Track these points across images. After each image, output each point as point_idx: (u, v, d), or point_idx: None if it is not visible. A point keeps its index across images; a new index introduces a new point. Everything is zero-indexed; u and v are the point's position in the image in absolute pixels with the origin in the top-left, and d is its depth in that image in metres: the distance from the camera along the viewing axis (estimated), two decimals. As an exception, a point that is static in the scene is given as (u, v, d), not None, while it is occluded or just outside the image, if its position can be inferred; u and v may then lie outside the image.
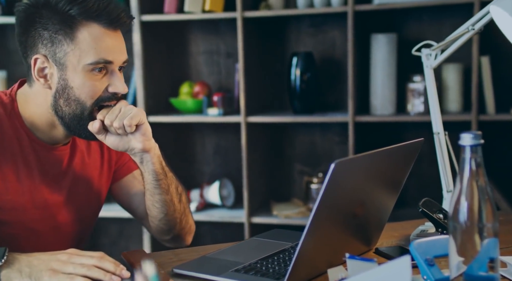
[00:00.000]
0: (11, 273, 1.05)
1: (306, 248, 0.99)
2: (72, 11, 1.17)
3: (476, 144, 0.89)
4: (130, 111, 1.21)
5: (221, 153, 2.89)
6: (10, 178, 1.21)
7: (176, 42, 2.83)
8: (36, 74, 1.20)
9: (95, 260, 1.08)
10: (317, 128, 2.81)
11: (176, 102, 2.70)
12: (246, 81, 2.57)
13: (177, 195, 1.34)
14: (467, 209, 0.88)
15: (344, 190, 1.01)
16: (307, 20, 2.73)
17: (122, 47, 1.23)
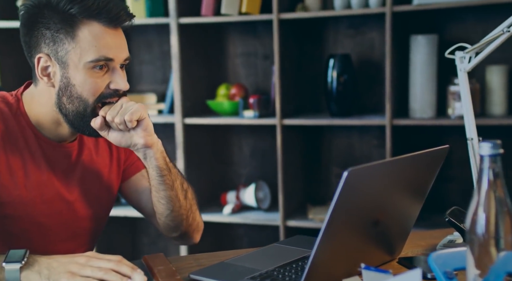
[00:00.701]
0: (31, 275, 1.07)
1: (319, 257, 0.97)
2: (72, 10, 1.19)
3: (495, 154, 0.85)
4: (131, 107, 1.23)
5: (258, 155, 2.88)
6: (17, 173, 1.23)
7: (214, 44, 2.84)
8: (39, 73, 1.23)
9: (113, 263, 1.08)
10: (355, 131, 2.76)
11: (213, 104, 2.71)
12: (282, 83, 2.55)
13: (183, 191, 1.34)
14: (485, 220, 0.85)
15: (360, 198, 0.98)
16: (345, 22, 2.70)
17: (122, 45, 1.25)
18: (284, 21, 2.53)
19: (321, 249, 0.96)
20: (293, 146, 2.68)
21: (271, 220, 2.63)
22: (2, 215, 1.24)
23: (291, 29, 2.62)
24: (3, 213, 1.24)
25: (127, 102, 1.24)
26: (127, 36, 3.09)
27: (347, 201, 0.95)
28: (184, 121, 2.65)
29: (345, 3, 2.51)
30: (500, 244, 0.84)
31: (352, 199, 0.96)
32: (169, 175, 1.30)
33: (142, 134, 1.24)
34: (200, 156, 2.78)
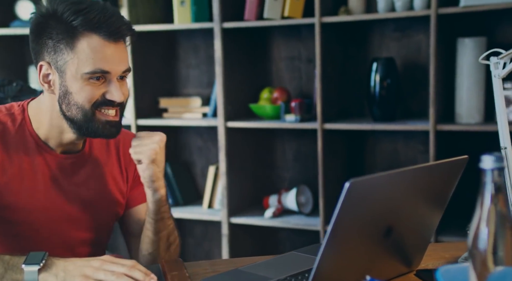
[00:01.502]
0: (48, 277, 1.11)
1: (323, 269, 0.96)
2: (75, 22, 1.23)
3: (498, 167, 0.82)
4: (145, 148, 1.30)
5: (301, 159, 2.87)
6: (15, 180, 1.28)
7: (258, 48, 2.85)
8: (41, 80, 1.28)
9: (126, 268, 1.11)
10: (400, 136, 2.71)
11: (255, 108, 2.72)
12: (324, 87, 2.53)
13: (166, 242, 1.38)
14: (487, 236, 0.82)
15: (365, 208, 0.96)
16: (391, 24, 2.65)
17: (121, 58, 1.28)
18: (327, 25, 2.51)
19: (324, 261, 0.95)
20: (335, 150, 2.65)
21: (311, 225, 2.61)
22: (1, 219, 1.29)
23: (335, 33, 2.60)
24: (2, 216, 1.29)
25: (142, 143, 1.30)
26: (175, 40, 3.14)
27: (351, 212, 0.94)
28: (226, 124, 2.67)
29: (389, 6, 2.46)
30: (501, 260, 0.80)
31: (357, 209, 0.95)
32: (161, 221, 1.35)
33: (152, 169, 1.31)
34: (242, 159, 2.80)
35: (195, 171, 3.06)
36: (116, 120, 1.31)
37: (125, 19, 1.29)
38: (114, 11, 1.27)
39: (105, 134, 1.31)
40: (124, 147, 1.46)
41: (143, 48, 2.82)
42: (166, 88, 3.00)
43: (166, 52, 2.98)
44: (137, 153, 1.29)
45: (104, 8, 1.26)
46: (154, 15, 2.85)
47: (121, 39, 1.28)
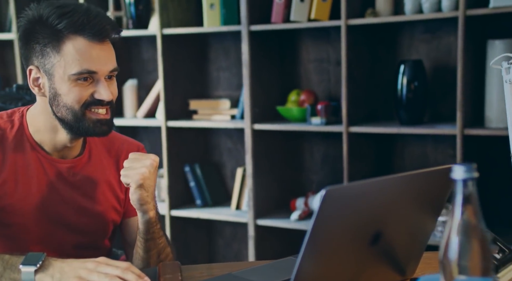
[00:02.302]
0: (44, 278, 1.13)
1: (302, 279, 0.96)
2: (59, 25, 1.26)
3: (469, 178, 0.80)
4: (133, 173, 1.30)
5: (329, 162, 2.86)
6: (9, 183, 1.32)
7: (286, 50, 2.85)
8: (31, 83, 1.33)
9: (119, 270, 1.12)
10: (429, 140, 2.66)
11: (282, 110, 2.73)
12: (350, 90, 2.52)
13: (157, 260, 1.38)
14: (455, 246, 0.80)
15: (345, 216, 0.96)
16: (420, 26, 2.60)
17: (107, 58, 1.30)
18: (354, 27, 2.49)
19: (303, 271, 0.95)
20: (362, 153, 2.63)
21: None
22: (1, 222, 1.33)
23: (363, 35, 2.57)
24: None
25: (131, 166, 1.30)
26: (206, 43, 3.16)
27: (330, 220, 0.93)
28: (253, 127, 2.69)
29: (416, 8, 2.42)
30: (467, 271, 0.79)
31: (336, 217, 0.94)
32: (151, 241, 1.36)
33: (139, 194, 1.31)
34: (270, 161, 2.81)
35: (224, 172, 3.09)
36: (107, 118, 1.33)
37: (109, 19, 1.31)
38: (98, 12, 1.30)
39: (97, 132, 1.34)
40: (126, 156, 1.46)
41: (173, 51, 2.87)
42: (197, 90, 3.04)
43: (197, 55, 3.02)
44: (125, 176, 1.30)
45: (88, 10, 1.28)
46: (185, 19, 2.89)
47: (106, 39, 1.30)
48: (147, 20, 2.94)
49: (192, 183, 2.95)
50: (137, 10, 2.91)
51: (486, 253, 0.79)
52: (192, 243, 3.09)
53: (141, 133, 3.25)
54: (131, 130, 3.23)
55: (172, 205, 2.92)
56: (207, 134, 3.08)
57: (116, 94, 1.36)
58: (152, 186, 1.33)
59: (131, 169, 1.30)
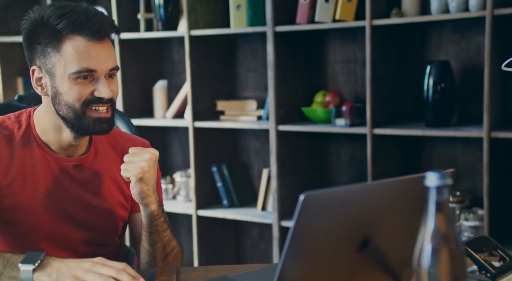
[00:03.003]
0: (42, 277, 1.16)
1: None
2: (59, 25, 1.29)
3: (442, 185, 0.79)
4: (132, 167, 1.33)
5: (355, 163, 2.82)
6: (17, 182, 1.35)
7: (313, 51, 2.84)
8: (34, 83, 1.36)
9: (114, 271, 1.14)
10: (459, 142, 2.60)
11: (307, 112, 2.72)
12: (375, 91, 2.48)
13: (162, 253, 1.39)
14: (427, 253, 0.79)
15: (327, 223, 0.94)
16: (449, 26, 2.54)
17: (106, 56, 1.32)
18: (379, 27, 2.45)
19: (284, 279, 0.94)
20: (388, 156, 2.59)
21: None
22: (4, 220, 1.36)
23: (389, 35, 2.53)
24: (5, 218, 1.36)
25: (131, 160, 1.33)
26: (234, 44, 3.16)
27: (310, 226, 0.92)
28: (277, 128, 2.69)
29: (443, 7, 2.37)
30: (436, 278, 0.77)
31: (317, 223, 0.93)
32: (155, 234, 1.37)
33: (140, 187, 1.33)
34: (295, 162, 2.80)
35: (252, 173, 3.09)
36: (107, 116, 1.35)
37: (108, 18, 1.34)
38: (97, 11, 1.33)
39: (97, 130, 1.36)
40: None
41: (201, 52, 2.90)
42: (225, 91, 3.05)
43: (225, 56, 3.04)
44: (125, 171, 1.32)
45: (87, 9, 1.31)
46: (213, 20, 2.91)
47: (105, 37, 1.32)
48: (176, 22, 2.98)
49: (219, 183, 2.97)
50: (166, 12, 2.94)
51: (458, 261, 0.77)
52: (220, 244, 3.10)
53: (171, 133, 3.30)
54: (161, 131, 3.27)
55: (199, 205, 2.95)
56: (235, 135, 3.10)
57: (117, 92, 1.38)
58: (152, 179, 1.35)
59: (131, 163, 1.32)
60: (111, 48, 1.35)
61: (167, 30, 2.96)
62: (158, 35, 2.97)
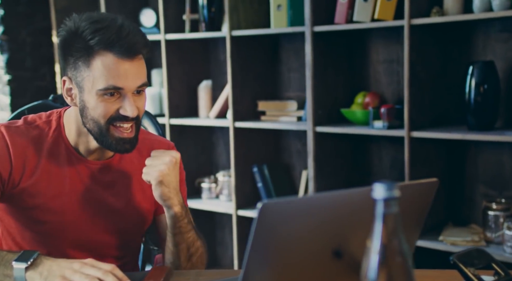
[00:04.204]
0: (34, 275, 1.18)
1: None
2: (92, 41, 1.28)
3: (390, 197, 0.75)
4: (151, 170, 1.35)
5: (397, 166, 2.74)
6: (42, 181, 1.37)
7: (354, 51, 2.78)
8: (65, 93, 1.37)
9: (101, 273, 1.15)
10: (506, 147, 2.47)
11: (346, 113, 2.66)
12: (414, 92, 2.40)
13: (187, 253, 1.39)
14: (374, 266, 0.75)
15: (288, 233, 0.91)
16: (497, 25, 2.42)
17: (136, 74, 1.31)
18: (419, 27, 2.37)
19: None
20: (429, 159, 2.49)
21: (397, 237, 2.48)
22: (32, 218, 1.38)
23: (431, 35, 2.44)
24: (30, 217, 1.38)
25: (152, 164, 1.34)
26: (277, 44, 3.13)
27: (270, 235, 0.90)
28: (315, 129, 2.65)
29: (486, 5, 2.26)
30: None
31: (277, 232, 0.91)
32: (179, 235, 1.37)
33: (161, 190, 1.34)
34: (334, 164, 2.75)
35: (294, 174, 3.07)
36: (130, 137, 1.36)
37: (141, 36, 1.32)
38: (131, 29, 1.31)
39: (119, 150, 1.36)
40: None
41: (243, 52, 2.90)
42: (267, 91, 3.04)
43: (267, 56, 3.03)
44: (145, 174, 1.34)
45: (122, 26, 1.30)
46: (255, 20, 2.91)
47: (137, 56, 1.32)
48: (220, 22, 3.00)
49: (259, 183, 2.97)
50: (210, 13, 2.97)
51: (404, 276, 0.73)
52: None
53: (217, 133, 3.32)
54: (207, 130, 3.31)
55: (239, 205, 2.96)
56: (276, 135, 3.08)
57: (143, 109, 1.38)
58: (174, 181, 1.35)
59: (151, 166, 1.34)
60: (142, 65, 1.34)
61: (210, 31, 2.98)
62: (201, 36, 3.00)
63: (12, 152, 1.35)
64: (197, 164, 3.28)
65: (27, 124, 1.41)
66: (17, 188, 1.36)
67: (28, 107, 1.76)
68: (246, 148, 2.97)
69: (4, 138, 1.36)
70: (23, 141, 1.37)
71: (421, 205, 1.01)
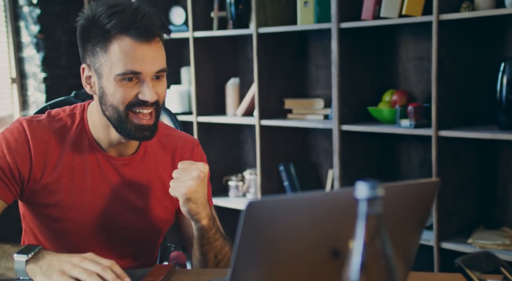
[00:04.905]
0: (34, 268, 1.17)
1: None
2: (108, 25, 1.26)
3: (373, 197, 0.71)
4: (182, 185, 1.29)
5: (426, 166, 2.66)
6: (64, 177, 1.34)
7: (383, 48, 2.71)
8: (84, 81, 1.34)
9: (100, 268, 1.13)
10: (540, 147, 2.37)
11: (373, 111, 2.60)
12: (442, 90, 2.32)
13: (214, 261, 1.36)
14: (355, 268, 0.72)
15: (278, 233, 0.88)
16: (531, 20, 2.32)
17: (154, 58, 1.28)
18: (448, 22, 2.29)
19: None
20: (460, 159, 2.41)
21: (424, 239, 2.41)
22: (49, 216, 1.36)
23: (462, 30, 2.36)
24: (50, 214, 1.36)
25: (179, 179, 1.29)
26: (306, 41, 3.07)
27: (257, 235, 0.86)
28: (340, 128, 2.60)
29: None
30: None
31: (265, 232, 0.87)
32: (207, 245, 1.34)
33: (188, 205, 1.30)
34: (360, 164, 2.69)
35: (321, 173, 3.02)
36: (149, 123, 1.31)
37: (158, 18, 1.28)
38: (147, 11, 1.27)
39: (138, 136, 1.32)
40: (182, 153, 1.47)
41: (270, 49, 2.87)
42: (295, 89, 3.00)
43: (295, 53, 2.99)
44: (172, 189, 1.29)
45: (137, 9, 1.27)
46: (283, 17, 2.87)
47: (154, 38, 1.28)
48: (247, 20, 2.97)
49: (285, 182, 2.93)
50: (237, 10, 2.95)
51: (387, 279, 0.69)
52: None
53: (245, 131, 3.30)
54: (235, 128, 3.29)
55: (264, 204, 2.92)
56: (304, 134, 3.04)
57: (164, 95, 1.34)
58: (201, 197, 1.30)
59: (179, 181, 1.28)
60: (160, 49, 1.30)
61: (238, 28, 2.96)
62: (228, 33, 2.98)
63: (32, 147, 1.33)
64: (225, 162, 3.26)
65: (50, 117, 1.38)
66: (39, 184, 1.34)
67: (51, 104, 1.77)
68: (272, 146, 2.93)
69: (25, 133, 1.34)
70: (44, 134, 1.35)
71: (422, 206, 0.97)
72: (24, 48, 3.74)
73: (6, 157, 1.32)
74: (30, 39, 3.70)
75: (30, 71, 3.73)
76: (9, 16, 3.69)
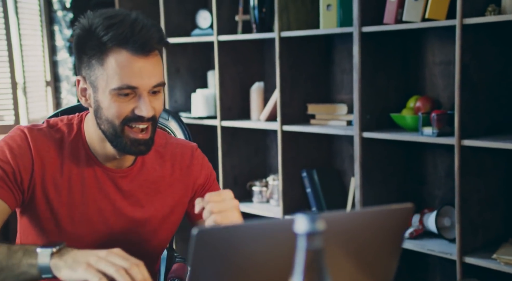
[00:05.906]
0: (59, 262, 1.13)
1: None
2: (105, 37, 1.22)
3: (313, 232, 0.66)
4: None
5: (453, 176, 2.55)
6: (63, 192, 1.32)
7: (408, 52, 2.61)
8: (79, 93, 1.32)
9: (128, 264, 1.09)
10: None
11: (396, 118, 2.51)
12: (466, 97, 2.22)
13: None
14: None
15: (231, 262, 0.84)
16: None
17: (151, 72, 1.24)
18: (473, 26, 2.18)
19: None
20: (486, 170, 2.30)
21: (446, 253, 2.31)
22: (45, 230, 1.33)
23: (489, 35, 2.25)
24: (46, 227, 1.33)
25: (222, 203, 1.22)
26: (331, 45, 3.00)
27: (209, 265, 0.83)
28: (361, 135, 2.52)
29: (547, 2, 2.04)
30: None
31: (217, 261, 0.83)
32: None
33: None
34: (385, 172, 2.60)
35: (345, 180, 2.94)
36: (145, 138, 1.29)
37: (156, 31, 1.25)
38: (145, 23, 1.24)
39: (133, 151, 1.30)
40: (182, 160, 1.44)
41: (294, 53, 2.81)
42: (319, 93, 2.94)
43: (319, 57, 2.92)
44: (223, 218, 1.19)
45: (135, 21, 1.23)
46: (306, 20, 2.81)
47: (152, 52, 1.25)
48: (271, 23, 2.93)
49: (308, 189, 2.87)
50: (260, 13, 2.91)
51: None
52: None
53: (270, 136, 3.25)
54: (261, 133, 3.25)
55: (285, 210, 2.87)
56: (328, 140, 2.97)
57: (160, 109, 1.31)
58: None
59: (225, 217, 1.19)
60: (158, 63, 1.27)
61: (262, 32, 2.92)
62: (251, 37, 2.94)
63: (34, 154, 1.31)
64: (250, 167, 3.22)
65: (49, 127, 1.37)
66: (37, 193, 1.31)
67: (62, 110, 1.77)
68: (295, 152, 2.88)
69: (27, 140, 1.32)
70: (44, 143, 1.33)
71: (395, 231, 0.90)
72: (58, 51, 3.79)
73: (10, 162, 1.30)
74: (63, 43, 3.75)
75: (63, 75, 3.78)
76: (44, 20, 3.75)
